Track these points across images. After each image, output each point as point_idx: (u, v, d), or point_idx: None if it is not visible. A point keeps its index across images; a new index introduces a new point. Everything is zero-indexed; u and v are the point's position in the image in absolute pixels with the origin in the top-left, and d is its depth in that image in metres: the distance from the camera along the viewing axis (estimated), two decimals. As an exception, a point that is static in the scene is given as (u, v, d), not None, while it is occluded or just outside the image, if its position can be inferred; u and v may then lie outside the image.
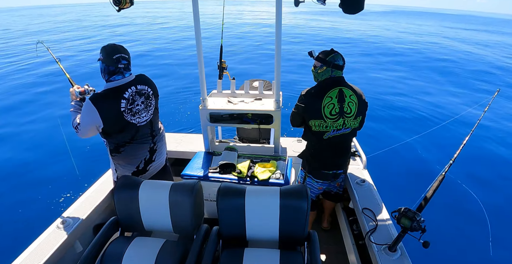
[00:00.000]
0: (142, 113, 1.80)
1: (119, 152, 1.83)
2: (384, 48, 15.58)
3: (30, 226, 3.21)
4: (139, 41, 15.77)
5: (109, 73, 1.70)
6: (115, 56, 1.65)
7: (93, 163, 4.00)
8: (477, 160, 4.92)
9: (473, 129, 2.00)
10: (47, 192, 3.85)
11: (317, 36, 19.36)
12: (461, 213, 3.72)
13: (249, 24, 21.07)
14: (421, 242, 1.41)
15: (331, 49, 1.88)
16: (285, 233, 1.58)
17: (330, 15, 39.30)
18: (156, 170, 2.04)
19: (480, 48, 17.72)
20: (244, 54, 12.45)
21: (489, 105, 2.25)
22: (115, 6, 1.75)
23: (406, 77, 10.03)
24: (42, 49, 2.33)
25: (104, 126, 1.68)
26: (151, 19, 27.70)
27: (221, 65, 2.94)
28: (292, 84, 8.08)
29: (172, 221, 1.64)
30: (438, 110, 7.12)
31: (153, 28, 21.88)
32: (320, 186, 2.14)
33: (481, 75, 10.84)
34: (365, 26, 27.08)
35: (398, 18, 40.16)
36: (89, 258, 1.48)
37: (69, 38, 16.89)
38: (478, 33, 28.30)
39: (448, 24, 35.74)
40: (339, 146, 2.00)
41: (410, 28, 28.71)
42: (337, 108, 1.84)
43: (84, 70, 9.75)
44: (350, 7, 1.54)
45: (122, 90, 1.70)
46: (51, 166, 4.41)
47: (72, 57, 11.75)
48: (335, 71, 1.85)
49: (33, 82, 8.76)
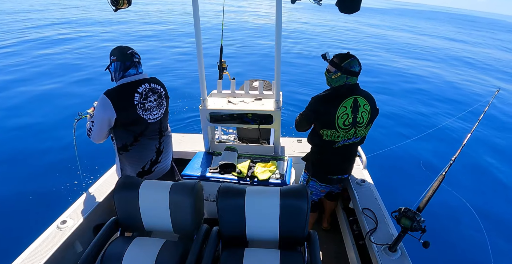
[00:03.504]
0: (153, 111, 1.85)
1: (127, 150, 1.85)
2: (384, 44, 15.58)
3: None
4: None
5: (125, 68, 1.76)
6: (128, 52, 1.75)
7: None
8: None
9: (473, 129, 2.00)
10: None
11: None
12: (462, 211, 3.72)
13: (249, 24, 21.08)
14: (421, 242, 1.41)
15: (347, 53, 1.75)
16: (285, 233, 1.58)
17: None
18: (162, 172, 2.05)
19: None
20: (244, 54, 12.46)
21: (489, 105, 2.25)
22: (112, 6, 1.76)
23: (406, 77, 10.04)
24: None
25: (117, 117, 1.72)
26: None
27: (221, 65, 2.94)
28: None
29: (172, 221, 1.64)
30: (439, 110, 7.13)
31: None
32: (324, 189, 2.14)
33: (480, 76, 10.84)
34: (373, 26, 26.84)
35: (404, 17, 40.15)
36: (89, 258, 1.48)
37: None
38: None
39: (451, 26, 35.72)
40: (347, 153, 1.98)
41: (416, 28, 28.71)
42: (350, 118, 1.76)
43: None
44: (346, 7, 1.54)
45: (136, 85, 1.77)
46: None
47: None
48: (350, 77, 1.73)
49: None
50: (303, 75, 9.19)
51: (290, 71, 9.33)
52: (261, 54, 11.95)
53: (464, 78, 10.38)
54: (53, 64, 9.16)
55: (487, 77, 10.81)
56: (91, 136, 1.80)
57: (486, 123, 6.27)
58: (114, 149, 1.90)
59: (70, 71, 8.49)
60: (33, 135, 5.15)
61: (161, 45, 12.54)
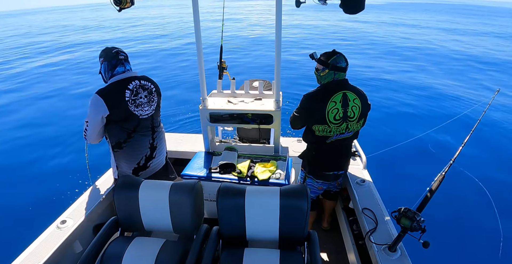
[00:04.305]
0: (145, 107, 1.88)
1: (121, 147, 1.88)
2: (385, 45, 15.57)
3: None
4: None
5: (112, 67, 1.80)
6: (113, 51, 1.80)
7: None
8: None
9: (473, 129, 2.00)
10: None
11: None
12: (464, 210, 3.72)
13: (249, 22, 21.08)
14: (421, 242, 1.41)
15: (333, 51, 1.83)
16: (285, 233, 1.58)
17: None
18: (157, 168, 2.09)
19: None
20: (244, 54, 12.45)
21: (489, 105, 2.25)
22: (115, 6, 1.77)
23: (407, 76, 10.04)
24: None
25: (110, 113, 1.74)
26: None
27: (221, 65, 2.94)
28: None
29: (172, 221, 1.64)
30: (438, 110, 7.12)
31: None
32: (321, 186, 2.14)
33: (481, 75, 10.84)
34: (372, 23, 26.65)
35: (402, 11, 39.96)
36: (89, 258, 1.48)
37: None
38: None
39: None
40: (341, 148, 2.00)
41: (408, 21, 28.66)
42: (341, 113, 1.81)
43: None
44: (350, 7, 1.54)
45: (126, 82, 1.80)
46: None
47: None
48: (338, 73, 1.80)
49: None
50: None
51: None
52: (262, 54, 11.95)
53: (465, 78, 10.37)
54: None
55: (487, 77, 10.80)
56: (87, 136, 1.85)
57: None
58: (109, 148, 1.93)
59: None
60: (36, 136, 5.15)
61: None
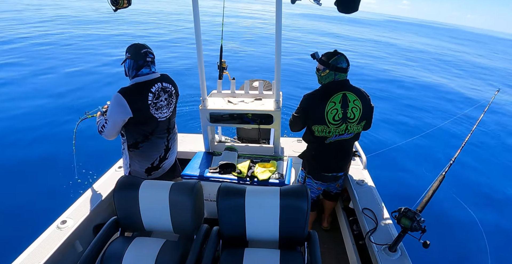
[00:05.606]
0: (164, 109, 1.89)
1: (137, 148, 1.89)
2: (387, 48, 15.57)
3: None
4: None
5: (138, 67, 1.79)
6: (142, 51, 1.77)
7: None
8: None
9: (473, 129, 2.01)
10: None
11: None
12: (462, 213, 3.72)
13: (249, 22, 21.09)
14: (421, 242, 1.41)
15: (334, 51, 1.81)
16: (285, 233, 1.58)
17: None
18: (168, 167, 2.10)
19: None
20: (244, 54, 12.46)
21: (489, 105, 2.25)
22: (112, 6, 1.76)
23: (406, 76, 10.04)
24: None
25: (133, 116, 1.74)
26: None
27: (221, 65, 2.93)
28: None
29: (172, 221, 1.64)
30: (438, 110, 7.13)
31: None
32: (319, 186, 2.14)
33: (482, 75, 10.84)
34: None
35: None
36: (89, 258, 1.48)
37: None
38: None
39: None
40: (341, 150, 1.98)
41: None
42: (340, 113, 1.80)
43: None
44: (344, 7, 1.56)
45: (150, 85, 1.80)
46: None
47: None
48: (339, 74, 1.79)
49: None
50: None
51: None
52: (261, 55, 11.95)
53: (465, 79, 10.38)
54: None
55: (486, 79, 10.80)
56: (104, 133, 1.82)
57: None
58: (124, 146, 1.92)
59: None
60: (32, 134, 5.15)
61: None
